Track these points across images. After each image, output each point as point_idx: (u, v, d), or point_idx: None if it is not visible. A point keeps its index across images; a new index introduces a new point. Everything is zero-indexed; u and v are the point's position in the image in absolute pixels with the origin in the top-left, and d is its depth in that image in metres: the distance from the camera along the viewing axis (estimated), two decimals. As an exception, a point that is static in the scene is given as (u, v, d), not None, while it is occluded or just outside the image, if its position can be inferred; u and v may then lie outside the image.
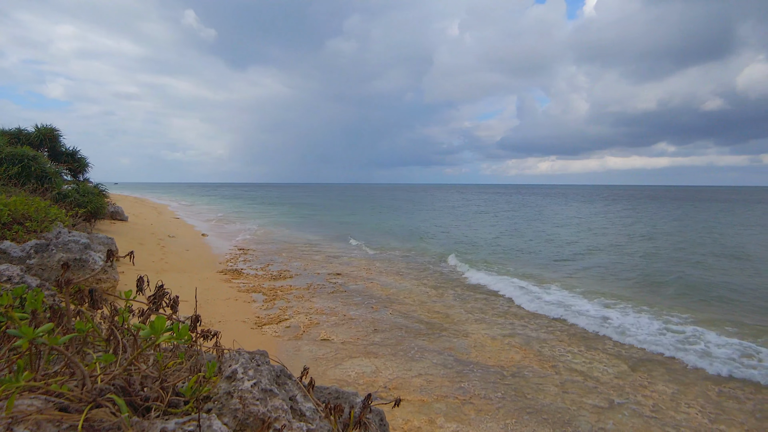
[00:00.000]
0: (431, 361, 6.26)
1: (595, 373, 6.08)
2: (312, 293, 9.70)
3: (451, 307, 9.14)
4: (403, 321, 8.06)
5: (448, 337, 7.32)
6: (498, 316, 8.57)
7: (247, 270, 11.81)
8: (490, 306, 9.29)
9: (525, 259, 15.47)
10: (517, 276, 12.25)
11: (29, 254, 7.68)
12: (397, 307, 8.98)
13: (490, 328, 7.90)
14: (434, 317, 8.37)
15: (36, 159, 12.26)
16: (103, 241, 10.24)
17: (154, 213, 27.59)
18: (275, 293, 9.44)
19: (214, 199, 60.44)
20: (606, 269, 13.70)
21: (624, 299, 9.99)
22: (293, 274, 11.71)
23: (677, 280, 12.00)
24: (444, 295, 10.04)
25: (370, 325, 7.72)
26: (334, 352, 6.36)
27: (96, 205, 13.27)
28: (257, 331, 7.04)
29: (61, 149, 15.25)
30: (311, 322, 7.65)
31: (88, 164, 16.01)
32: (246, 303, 8.60)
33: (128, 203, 32.67)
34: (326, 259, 14.47)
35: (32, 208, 8.89)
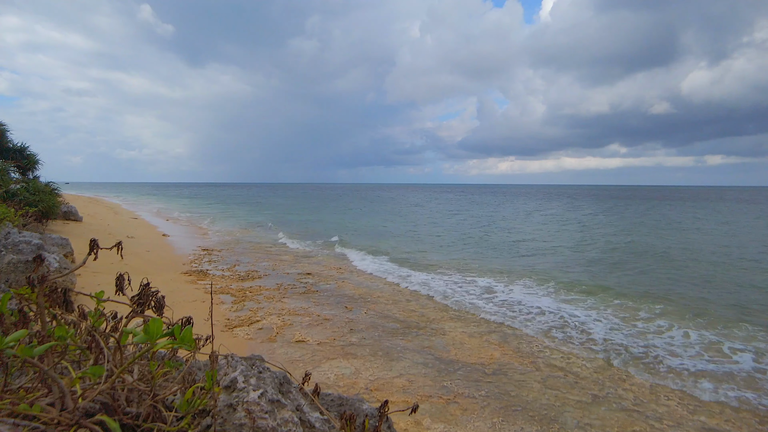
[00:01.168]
0: (411, 360, 6.12)
1: (575, 368, 6.10)
2: (283, 294, 9.40)
3: (426, 306, 9.05)
4: (379, 320, 7.90)
5: (426, 335, 7.21)
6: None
7: (213, 271, 11.36)
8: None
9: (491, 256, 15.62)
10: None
11: (-26, 257, 7.07)
12: (371, 306, 8.81)
13: (466, 324, 7.85)
14: (408, 316, 8.25)
15: (-20, 155, 11.41)
16: (57, 242, 9.60)
17: (110, 213, 26.35)
18: (244, 294, 9.09)
19: (173, 199, 58.48)
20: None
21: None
22: (262, 274, 11.34)
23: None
24: (419, 296, 9.95)
25: (346, 325, 7.52)
26: (311, 354, 6.13)
27: (48, 204, 12.48)
28: (228, 334, 6.73)
29: (8, 145, 14.26)
30: (284, 323, 7.38)
31: (39, 161, 15.05)
32: (214, 305, 8.23)
33: (82, 203, 31.10)
34: (295, 258, 14.13)
35: (-23, 206, 8.22)
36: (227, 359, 1.79)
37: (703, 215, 36.57)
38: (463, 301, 9.44)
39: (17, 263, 6.71)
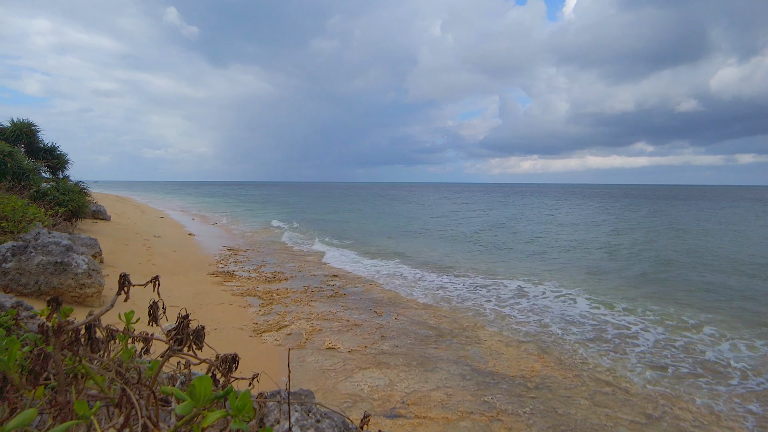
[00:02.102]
0: (448, 371, 5.82)
1: (623, 383, 5.71)
2: (310, 297, 9.19)
3: (457, 311, 8.72)
4: (411, 327, 7.61)
5: (461, 344, 6.89)
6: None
7: (239, 272, 11.23)
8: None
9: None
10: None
11: (5, 257, 7.04)
12: (401, 311, 8.53)
13: (501, 332, 7.50)
14: (442, 322, 7.94)
15: (12, 155, 11.53)
16: (86, 242, 9.59)
17: (137, 212, 26.69)
18: (272, 297, 8.91)
19: (198, 198, 59.25)
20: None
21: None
22: (288, 276, 11.17)
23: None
24: (449, 301, 9.62)
25: (377, 331, 7.25)
26: (342, 363, 5.88)
27: (77, 203, 12.56)
28: (257, 339, 6.53)
29: (39, 145, 14.45)
30: (313, 328, 7.16)
31: (68, 161, 15.23)
32: (241, 308, 8.07)
33: (110, 202, 31.63)
34: (320, 259, 13.95)
35: (8, 207, 8.22)
36: (278, 403, 1.53)
37: (738, 215, 35.13)
38: (495, 306, 9.08)
39: (47, 264, 6.65)
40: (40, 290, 6.49)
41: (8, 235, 7.99)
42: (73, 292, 6.62)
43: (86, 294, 6.70)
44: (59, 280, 6.55)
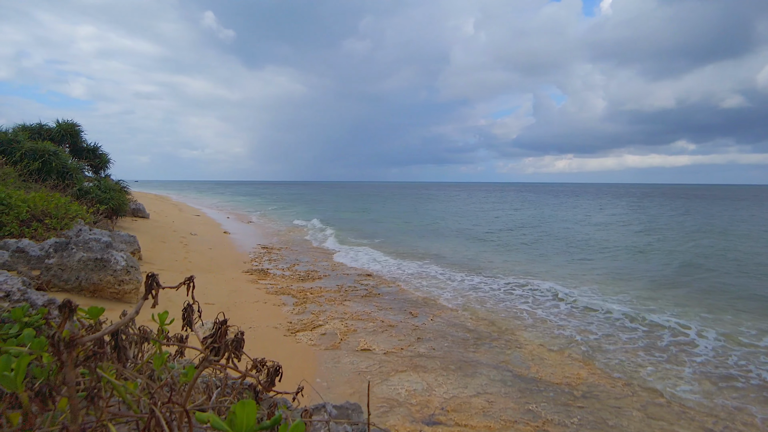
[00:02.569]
0: (488, 376, 5.57)
1: (678, 393, 5.32)
2: (344, 296, 9.07)
3: (494, 312, 8.43)
4: (447, 329, 7.38)
5: (500, 347, 6.62)
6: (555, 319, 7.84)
7: (273, 270, 11.24)
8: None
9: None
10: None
11: (48, 253, 7.18)
12: (437, 312, 8.31)
13: (542, 336, 7.18)
14: (478, 324, 7.67)
15: (57, 154, 11.89)
16: (126, 239, 9.75)
17: (175, 210, 27.33)
18: (305, 296, 8.84)
19: (233, 197, 60.40)
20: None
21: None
22: (321, 275, 11.10)
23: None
24: (486, 302, 9.33)
25: (413, 333, 7.06)
26: (378, 365, 5.72)
27: (118, 201, 12.86)
28: (291, 339, 6.44)
29: (82, 145, 14.92)
30: (348, 328, 7.02)
31: (110, 160, 15.68)
32: (276, 306, 8.02)
33: (149, 200, 32.53)
34: (353, 257, 13.85)
35: (52, 204, 8.43)
36: (327, 423, 1.36)
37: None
38: (532, 309, 8.74)
39: (87, 261, 6.74)
40: (81, 286, 6.59)
41: (52, 231, 8.19)
42: (112, 288, 6.68)
43: (124, 290, 6.77)
44: (99, 276, 6.63)
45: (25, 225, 7.80)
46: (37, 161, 11.27)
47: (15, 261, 6.85)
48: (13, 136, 11.56)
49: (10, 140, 11.31)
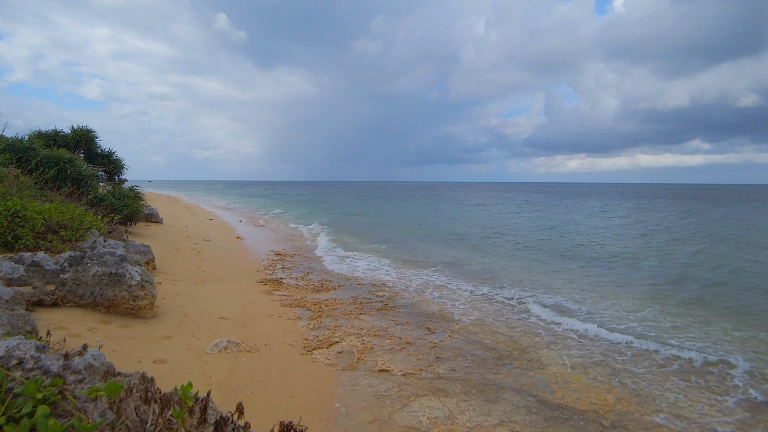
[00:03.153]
0: (511, 402, 5.38)
1: (718, 427, 5.09)
2: (359, 309, 8.93)
3: (514, 328, 8.23)
4: (466, 346, 7.19)
5: (522, 368, 6.42)
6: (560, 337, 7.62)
7: (287, 279, 11.14)
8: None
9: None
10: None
11: (63, 267, 7.12)
12: (455, 327, 8.12)
13: (565, 355, 6.97)
14: (498, 342, 7.48)
15: (72, 162, 11.89)
16: (140, 249, 9.70)
17: (187, 213, 27.44)
18: (320, 309, 8.71)
19: (245, 198, 60.66)
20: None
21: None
22: (336, 284, 10.97)
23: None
24: (504, 316, 9.12)
25: (431, 351, 6.88)
26: (398, 388, 5.55)
27: (132, 209, 12.85)
28: (307, 358, 6.30)
29: (96, 151, 14.97)
30: (365, 346, 6.87)
31: (124, 166, 15.72)
32: (291, 320, 7.89)
33: (162, 203, 32.72)
34: (366, 266, 13.71)
35: (67, 216, 8.38)
36: None
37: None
38: (552, 324, 8.52)
39: (102, 275, 6.66)
40: (96, 302, 6.52)
41: (67, 243, 8.16)
42: (127, 303, 6.60)
43: (139, 306, 6.68)
44: (113, 291, 6.55)
45: (40, 237, 7.77)
46: (52, 169, 11.30)
47: (30, 275, 6.81)
48: (29, 144, 11.60)
49: (26, 148, 11.34)
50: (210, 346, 6.08)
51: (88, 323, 6.09)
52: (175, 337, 6.31)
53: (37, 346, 1.75)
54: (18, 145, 11.24)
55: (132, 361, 5.22)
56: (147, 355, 5.48)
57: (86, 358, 3.57)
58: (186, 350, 5.94)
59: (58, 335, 5.53)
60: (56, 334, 5.55)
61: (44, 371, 1.69)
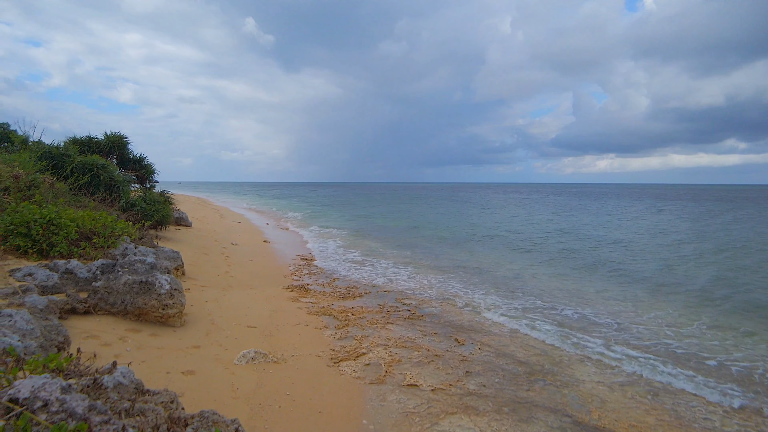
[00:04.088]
0: (546, 423, 5.17)
1: (765, 453, 4.79)
2: (386, 318, 8.81)
3: (547, 341, 7.98)
4: (497, 360, 6.99)
5: (555, 385, 6.19)
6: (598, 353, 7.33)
7: (314, 286, 11.11)
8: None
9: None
10: (611, 299, 10.83)
11: (95, 275, 7.22)
12: (484, 339, 7.93)
13: (601, 371, 6.70)
14: (530, 356, 7.25)
15: (105, 168, 12.15)
16: (170, 255, 9.81)
17: (216, 216, 27.85)
18: (347, 317, 8.63)
19: (271, 200, 61.38)
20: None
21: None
22: (362, 291, 10.89)
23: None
24: (535, 327, 8.86)
25: (460, 364, 6.71)
26: (427, 405, 5.41)
27: (162, 214, 13.06)
28: (334, 370, 6.22)
29: (128, 156, 15.30)
30: (393, 358, 6.75)
31: (155, 170, 16.03)
32: (317, 329, 7.84)
33: (191, 205, 33.33)
34: (392, 271, 13.59)
35: (99, 223, 8.53)
36: None
37: None
38: (585, 336, 8.22)
39: (132, 284, 6.72)
40: (126, 309, 6.58)
41: (99, 250, 8.30)
42: (156, 312, 6.65)
43: (168, 314, 6.72)
44: (143, 300, 6.60)
45: (74, 244, 7.92)
46: (86, 175, 11.56)
47: (64, 283, 6.94)
48: (64, 150, 11.91)
49: (62, 155, 11.65)
50: (238, 356, 6.06)
51: (118, 332, 6.14)
52: (204, 347, 6.31)
53: (63, 387, 1.68)
54: (54, 151, 11.55)
55: (161, 373, 5.23)
56: (176, 366, 5.49)
57: (115, 377, 3.55)
58: (214, 361, 5.93)
59: (90, 344, 5.59)
60: (88, 343, 5.62)
61: (69, 413, 1.63)
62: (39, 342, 4.35)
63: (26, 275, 6.78)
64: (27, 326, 4.39)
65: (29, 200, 8.23)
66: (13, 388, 1.60)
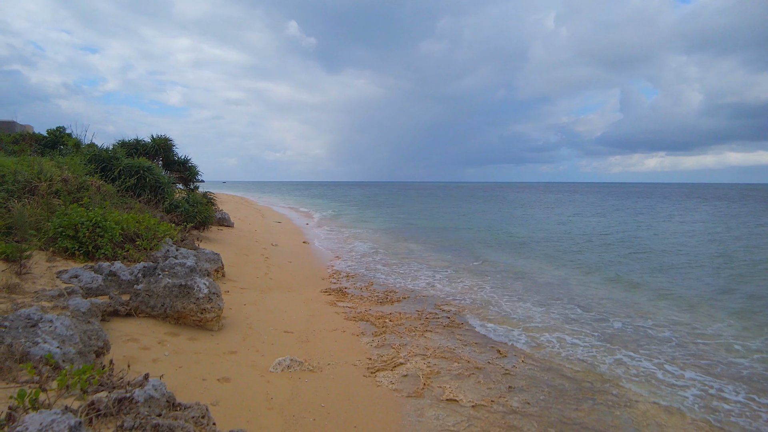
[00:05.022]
0: (597, 449, 4.80)
1: None
2: (425, 325, 8.56)
3: (594, 355, 7.51)
4: (541, 374, 6.62)
5: (606, 405, 5.77)
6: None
7: (351, 289, 11.00)
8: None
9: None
10: (665, 310, 10.15)
11: (137, 278, 7.31)
12: (529, 350, 7.55)
13: (656, 392, 6.22)
14: (577, 371, 6.83)
15: (151, 170, 12.45)
16: (210, 257, 9.91)
17: (257, 216, 28.34)
18: (384, 323, 8.44)
19: (312, 199, 62.14)
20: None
21: None
22: (400, 296, 10.67)
23: None
24: (583, 337, 8.39)
25: (503, 379, 6.39)
26: (467, 423, 5.14)
27: (204, 215, 13.29)
28: (371, 381, 6.03)
29: (173, 158, 15.71)
30: (431, 369, 6.50)
31: (198, 172, 16.40)
32: (354, 336, 7.69)
33: (234, 205, 34.09)
34: (430, 275, 13.31)
35: (143, 225, 8.70)
36: None
37: None
38: (638, 351, 7.69)
39: (172, 287, 6.77)
40: (166, 313, 6.63)
41: (142, 252, 8.46)
42: (195, 316, 6.66)
43: (206, 318, 6.73)
44: (182, 303, 6.63)
45: (118, 246, 8.08)
46: (133, 177, 11.89)
47: (107, 285, 7.07)
48: (112, 153, 12.30)
49: (110, 157, 12.03)
50: (273, 364, 5.98)
51: (158, 335, 6.18)
52: (240, 353, 6.27)
53: (71, 426, 1.55)
54: (103, 154, 11.96)
55: (197, 379, 5.19)
56: (212, 372, 5.44)
57: (147, 390, 3.47)
58: (250, 367, 5.87)
59: (129, 348, 5.63)
60: (128, 347, 5.67)
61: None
62: (78, 348, 4.38)
63: (72, 277, 6.96)
64: (67, 332, 4.43)
65: (78, 202, 8.48)
66: (22, 425, 1.49)
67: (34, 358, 3.92)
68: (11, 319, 4.32)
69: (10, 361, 3.76)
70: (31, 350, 3.99)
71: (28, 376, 3.45)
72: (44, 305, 5.69)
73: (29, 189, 8.53)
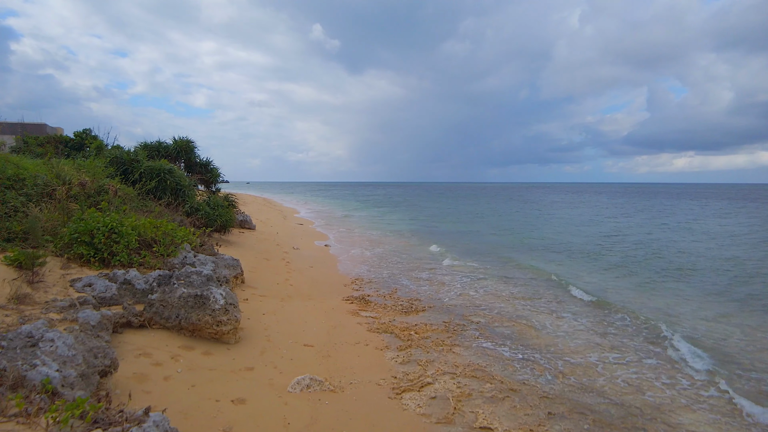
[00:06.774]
0: (654, 492, 4.23)
1: None
2: (453, 338, 8.05)
3: (641, 372, 6.88)
4: (582, 397, 6.04)
5: (660, 437, 5.18)
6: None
7: (374, 297, 10.54)
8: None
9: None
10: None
11: (152, 287, 6.96)
12: (565, 368, 6.96)
13: (720, 422, 5.57)
14: (625, 395, 6.22)
15: (172, 172, 12.25)
16: (229, 263, 9.56)
17: (279, 218, 28.18)
18: (410, 336, 7.96)
19: (334, 200, 62.01)
20: None
21: None
22: (425, 305, 10.16)
23: None
24: (625, 352, 7.75)
25: (540, 402, 5.83)
26: (504, 457, 4.62)
27: (225, 218, 13.04)
28: (396, 403, 5.56)
29: (195, 160, 15.54)
30: (461, 391, 5.99)
31: (220, 174, 16.21)
32: (378, 350, 7.23)
33: (257, 206, 34.06)
34: (457, 281, 12.75)
35: (160, 231, 8.40)
36: None
37: None
38: (692, 370, 7.02)
39: (187, 297, 6.41)
40: (180, 325, 6.29)
41: (159, 258, 8.18)
42: (210, 329, 6.30)
43: (222, 331, 6.36)
44: (197, 315, 6.28)
45: (134, 253, 7.81)
46: (153, 180, 11.70)
47: (122, 294, 6.78)
48: (134, 156, 12.14)
49: (131, 160, 11.87)
50: (292, 383, 5.56)
51: (171, 348, 5.85)
52: (257, 369, 5.89)
53: None
54: (124, 157, 11.80)
55: (210, 400, 4.82)
56: (226, 392, 5.06)
57: (146, 428, 3.04)
58: (267, 386, 5.47)
59: (141, 364, 5.29)
60: (139, 363, 5.33)
61: None
62: (80, 370, 4.03)
63: (86, 285, 6.69)
64: (68, 352, 4.09)
65: (96, 207, 8.26)
66: None
67: (30, 384, 3.58)
68: (10, 337, 4.00)
69: (3, 388, 3.42)
70: (27, 374, 3.65)
71: (17, 408, 3.10)
72: (53, 318, 5.40)
73: (48, 193, 8.34)
